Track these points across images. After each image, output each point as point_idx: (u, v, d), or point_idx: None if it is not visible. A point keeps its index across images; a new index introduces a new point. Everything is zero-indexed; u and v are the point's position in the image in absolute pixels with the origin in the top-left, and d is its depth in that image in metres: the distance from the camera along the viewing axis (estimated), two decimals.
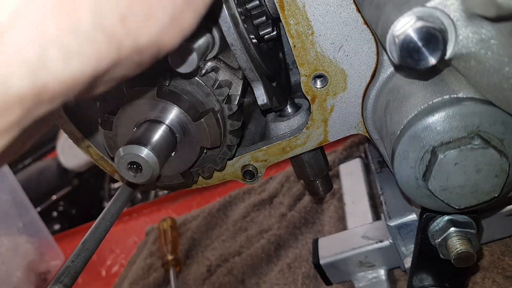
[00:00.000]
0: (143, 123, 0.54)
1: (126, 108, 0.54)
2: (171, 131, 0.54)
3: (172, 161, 0.57)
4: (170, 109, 0.54)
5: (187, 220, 1.44)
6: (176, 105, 0.53)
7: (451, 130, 0.44)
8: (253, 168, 0.70)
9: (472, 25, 0.35)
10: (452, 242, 0.54)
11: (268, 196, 1.33)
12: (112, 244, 1.61)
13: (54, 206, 2.41)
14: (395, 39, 0.37)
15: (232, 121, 0.60)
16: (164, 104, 0.54)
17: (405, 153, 0.47)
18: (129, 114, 0.55)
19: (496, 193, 0.45)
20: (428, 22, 0.35)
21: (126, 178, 0.51)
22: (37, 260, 1.61)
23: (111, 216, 0.65)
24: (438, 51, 0.35)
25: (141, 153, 0.49)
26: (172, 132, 0.54)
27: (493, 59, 0.36)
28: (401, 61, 0.37)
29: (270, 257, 1.11)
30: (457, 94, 0.45)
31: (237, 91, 0.61)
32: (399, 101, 0.51)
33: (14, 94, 0.24)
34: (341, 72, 0.60)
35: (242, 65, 0.55)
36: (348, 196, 1.09)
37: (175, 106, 0.53)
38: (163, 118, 0.54)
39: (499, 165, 0.43)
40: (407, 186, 0.49)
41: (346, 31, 0.57)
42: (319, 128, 0.65)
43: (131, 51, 0.29)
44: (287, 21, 0.57)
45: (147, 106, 0.54)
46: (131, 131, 0.55)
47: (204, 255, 1.26)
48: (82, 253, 0.58)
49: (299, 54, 0.59)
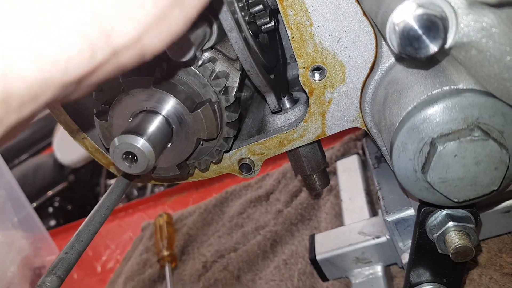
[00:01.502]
0: (139, 114, 0.53)
1: (121, 99, 0.54)
2: (167, 121, 0.53)
3: (168, 153, 0.57)
4: (167, 99, 0.53)
5: (183, 216, 1.43)
6: (173, 96, 0.53)
7: (450, 122, 0.43)
8: (250, 161, 0.69)
9: (473, 13, 0.35)
10: (450, 236, 0.53)
11: (264, 192, 1.33)
12: (107, 240, 1.60)
13: (50, 201, 2.39)
14: (395, 27, 0.36)
15: (229, 112, 0.59)
16: (160, 94, 0.53)
17: (404, 145, 0.46)
18: (125, 105, 0.54)
19: (496, 186, 0.45)
20: (428, 9, 0.35)
21: (121, 168, 0.50)
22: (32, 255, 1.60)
23: (105, 208, 0.64)
24: (439, 39, 0.35)
25: (137, 143, 0.48)
26: (168, 123, 0.53)
27: (494, 48, 0.36)
28: (401, 50, 0.36)
29: (266, 253, 1.10)
30: (457, 85, 0.44)
31: (234, 82, 0.61)
32: (398, 93, 0.50)
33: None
34: (339, 64, 0.59)
35: (240, 55, 0.54)
36: (345, 193, 1.08)
37: (172, 97, 0.53)
38: (159, 108, 0.53)
39: (498, 157, 0.42)
40: (406, 178, 0.48)
41: (345, 22, 0.56)
42: (316, 121, 0.65)
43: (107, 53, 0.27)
44: (285, 12, 0.56)
45: (143, 96, 0.53)
46: (126, 122, 0.55)
47: (200, 251, 1.25)
48: (76, 244, 0.57)
49: (297, 46, 0.58)
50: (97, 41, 0.26)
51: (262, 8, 0.61)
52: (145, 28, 0.29)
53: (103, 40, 0.27)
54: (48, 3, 0.24)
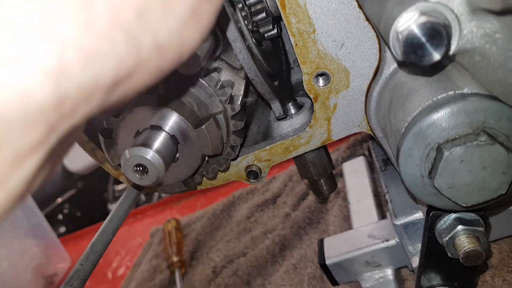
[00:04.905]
0: (144, 130, 0.53)
1: (126, 116, 0.54)
2: (172, 138, 0.53)
3: (173, 169, 0.57)
4: (170, 116, 0.53)
5: (191, 221, 1.44)
6: (176, 112, 0.53)
7: (456, 127, 0.43)
8: (256, 168, 0.69)
9: (476, 19, 0.35)
10: (460, 240, 0.53)
11: (271, 196, 1.33)
12: (117, 246, 1.61)
13: (59, 208, 2.42)
14: (399, 35, 0.36)
15: (235, 121, 0.60)
16: (164, 111, 0.53)
17: (410, 151, 0.46)
18: (129, 122, 0.54)
19: (504, 190, 0.44)
20: (431, 17, 0.35)
21: (132, 180, 0.50)
22: (44, 263, 1.62)
23: (118, 218, 0.65)
24: (442, 46, 0.35)
25: (147, 155, 0.48)
26: (173, 139, 0.53)
27: (498, 54, 0.36)
28: (405, 58, 0.36)
29: (275, 258, 1.11)
30: (462, 90, 0.44)
31: (239, 91, 0.61)
32: (403, 98, 0.50)
33: (36, 108, 0.22)
34: (343, 70, 0.59)
35: (244, 64, 0.55)
36: (352, 195, 1.08)
37: (175, 113, 0.53)
38: (163, 124, 0.53)
39: (506, 161, 0.42)
40: (413, 184, 0.48)
41: (348, 28, 0.56)
42: (322, 127, 0.65)
43: (151, 50, 0.27)
44: (288, 20, 0.56)
45: (147, 113, 0.53)
46: (131, 139, 0.55)
47: (209, 256, 1.25)
48: (91, 256, 0.58)
49: (301, 53, 0.58)
50: (142, 37, 0.26)
51: (265, 16, 0.61)
52: (185, 21, 0.29)
53: (148, 36, 0.26)
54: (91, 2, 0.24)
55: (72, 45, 0.23)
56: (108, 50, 0.24)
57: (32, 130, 0.23)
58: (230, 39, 0.51)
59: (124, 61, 0.25)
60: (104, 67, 0.24)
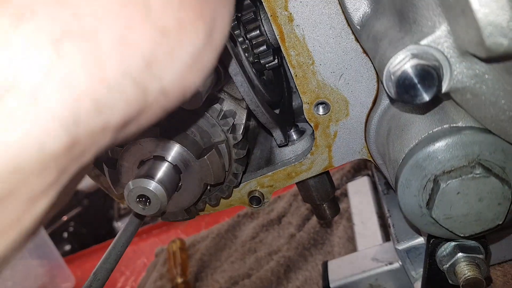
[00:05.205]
0: (147, 161, 0.55)
1: (129, 148, 0.56)
2: (174, 168, 0.54)
3: (176, 198, 0.58)
4: (173, 146, 0.54)
5: (196, 241, 1.45)
6: (178, 143, 0.54)
7: (452, 159, 0.44)
8: (259, 193, 0.71)
9: (466, 61, 0.36)
10: (460, 267, 0.53)
11: (276, 216, 1.33)
12: (122, 266, 1.61)
13: (64, 226, 2.43)
14: (391, 75, 0.38)
15: (237, 149, 0.61)
16: (167, 142, 0.55)
17: (408, 182, 0.47)
18: (133, 153, 0.56)
19: (500, 220, 0.45)
20: (422, 59, 0.36)
21: (136, 210, 0.52)
22: (48, 283, 1.62)
23: (121, 245, 0.66)
24: (433, 87, 0.36)
25: (149, 186, 0.50)
26: (176, 169, 0.55)
27: (489, 93, 0.37)
28: (398, 97, 0.38)
29: (280, 280, 1.11)
30: (457, 123, 0.45)
31: (241, 120, 0.63)
32: (400, 129, 0.52)
33: (49, 154, 0.23)
34: (342, 100, 0.61)
35: (246, 96, 0.56)
36: (357, 216, 1.08)
37: (178, 144, 0.54)
38: (165, 155, 0.54)
39: (501, 193, 0.43)
40: (412, 214, 0.49)
41: (346, 60, 0.58)
42: (323, 154, 0.66)
43: (157, 94, 0.29)
44: (288, 52, 0.58)
45: (151, 145, 0.55)
46: (135, 169, 0.56)
47: (213, 278, 1.25)
48: (94, 284, 0.59)
49: (301, 83, 0.60)
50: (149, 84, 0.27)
51: (265, 48, 0.63)
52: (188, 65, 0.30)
53: (155, 83, 0.28)
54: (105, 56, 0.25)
55: (86, 96, 0.24)
56: (118, 98, 0.26)
57: (45, 174, 0.24)
58: (231, 73, 0.53)
59: (132, 105, 0.27)
60: (114, 113, 0.26)
